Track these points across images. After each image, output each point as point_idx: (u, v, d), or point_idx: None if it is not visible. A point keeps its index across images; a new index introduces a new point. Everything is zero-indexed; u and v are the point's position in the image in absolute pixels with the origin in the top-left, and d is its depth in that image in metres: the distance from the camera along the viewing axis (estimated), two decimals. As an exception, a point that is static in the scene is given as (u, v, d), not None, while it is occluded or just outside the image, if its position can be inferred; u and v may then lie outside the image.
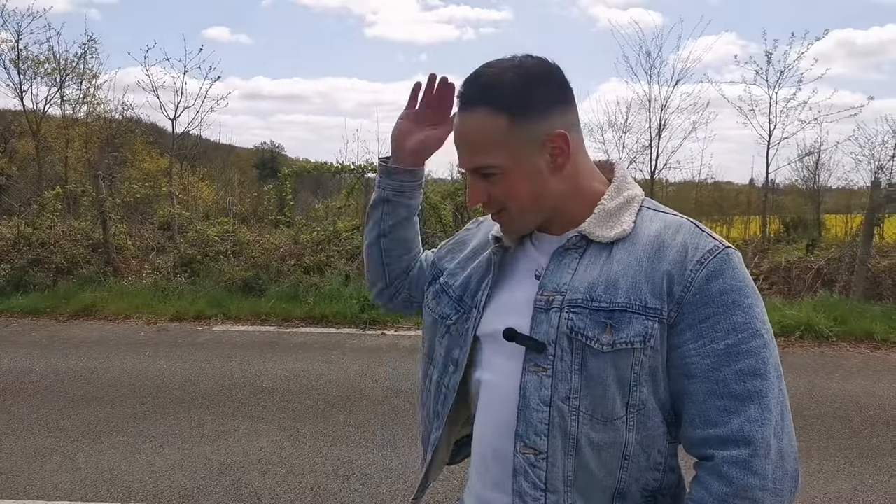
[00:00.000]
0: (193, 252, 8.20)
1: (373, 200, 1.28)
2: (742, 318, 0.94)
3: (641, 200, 1.06)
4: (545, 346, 0.99)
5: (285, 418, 4.34)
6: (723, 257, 0.96)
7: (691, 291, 0.95)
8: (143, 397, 4.68)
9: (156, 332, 6.52)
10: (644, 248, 0.99)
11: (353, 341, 6.25)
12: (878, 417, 4.41)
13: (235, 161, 27.20)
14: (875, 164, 13.60)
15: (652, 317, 0.95)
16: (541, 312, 1.01)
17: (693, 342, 0.95)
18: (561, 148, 1.01)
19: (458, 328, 1.15)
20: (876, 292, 7.38)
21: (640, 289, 0.96)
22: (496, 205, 1.04)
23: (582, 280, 1.00)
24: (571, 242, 1.03)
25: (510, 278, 1.11)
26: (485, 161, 1.00)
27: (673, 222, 1.02)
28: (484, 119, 0.99)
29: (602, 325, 0.96)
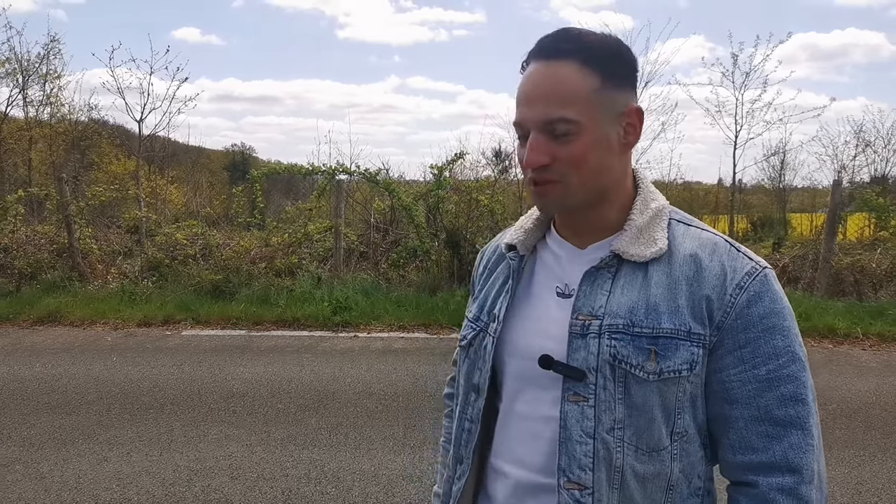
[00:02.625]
0: (161, 256, 8.06)
1: None
2: (782, 341, 0.93)
3: (669, 212, 1.03)
4: (585, 375, 0.94)
5: (256, 423, 4.30)
6: (761, 280, 0.95)
7: (731, 316, 0.93)
8: (109, 404, 4.60)
9: (123, 338, 6.40)
10: (681, 270, 0.95)
11: (325, 344, 6.21)
12: (840, 411, 4.52)
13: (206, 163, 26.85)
14: (838, 164, 13.96)
15: (696, 343, 0.93)
16: (577, 338, 0.96)
17: (734, 367, 0.94)
18: (634, 125, 0.97)
19: (476, 349, 1.08)
20: (839, 289, 7.56)
21: (682, 313, 0.93)
22: (555, 172, 0.94)
23: (620, 303, 0.95)
24: (605, 262, 0.98)
25: (529, 292, 1.05)
26: (564, 113, 0.91)
27: (707, 240, 0.98)
28: (575, 71, 0.92)
29: (646, 352, 0.92)
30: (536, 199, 0.99)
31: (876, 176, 14.53)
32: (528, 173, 0.97)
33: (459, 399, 1.12)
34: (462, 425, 1.10)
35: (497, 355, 1.04)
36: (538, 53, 0.95)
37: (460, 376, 1.13)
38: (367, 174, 8.26)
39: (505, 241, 1.11)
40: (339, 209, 8.15)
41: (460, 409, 1.11)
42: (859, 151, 14.05)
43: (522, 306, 1.05)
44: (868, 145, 14.20)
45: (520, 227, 1.10)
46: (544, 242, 1.08)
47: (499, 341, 1.04)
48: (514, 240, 1.08)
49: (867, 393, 4.87)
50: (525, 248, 1.07)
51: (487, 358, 1.05)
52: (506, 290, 1.06)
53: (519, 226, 1.11)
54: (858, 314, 6.72)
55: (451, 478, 1.13)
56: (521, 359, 1.01)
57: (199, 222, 8.63)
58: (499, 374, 1.06)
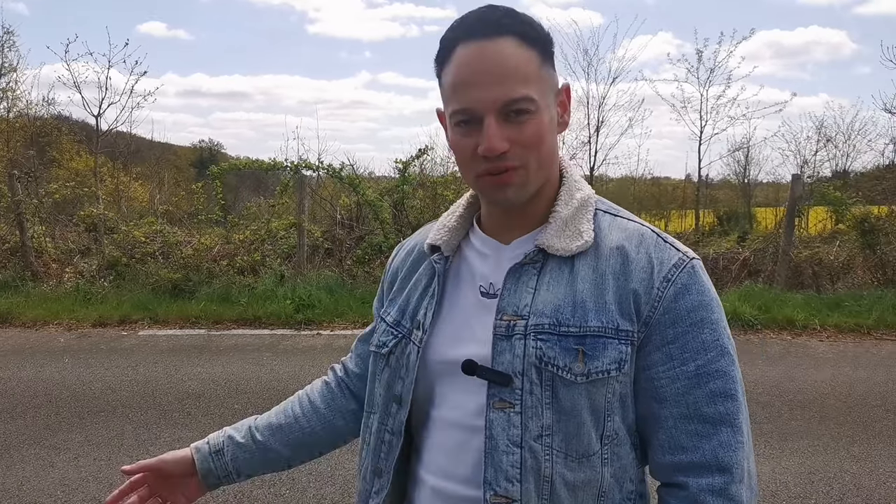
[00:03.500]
0: (119, 254, 7.86)
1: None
2: (710, 335, 0.90)
3: (595, 202, 0.98)
4: (511, 379, 0.89)
5: (211, 424, 4.19)
6: (689, 271, 0.91)
7: (659, 311, 0.89)
8: (58, 407, 4.45)
9: (77, 339, 6.22)
10: (608, 263, 0.91)
11: (286, 342, 6.11)
12: (796, 401, 4.58)
13: (173, 160, 26.38)
14: (800, 159, 14.24)
15: (625, 340, 0.89)
16: (502, 340, 0.90)
17: (662, 364, 0.90)
18: (564, 104, 0.94)
19: (397, 357, 1.00)
20: (798, 281, 7.69)
21: (609, 309, 0.89)
22: (515, 157, 0.87)
23: (545, 301, 0.90)
24: (529, 257, 0.92)
25: (454, 295, 0.99)
26: (524, 91, 0.85)
27: (634, 231, 0.95)
28: (516, 48, 0.85)
29: (573, 353, 0.88)
30: (496, 191, 0.91)
31: (837, 171, 14.87)
32: (479, 165, 0.88)
33: (378, 409, 1.03)
34: (381, 437, 1.02)
35: (421, 364, 0.97)
36: (472, 33, 0.87)
37: (378, 385, 1.04)
38: (331, 170, 8.15)
39: (427, 241, 1.03)
40: (302, 205, 8.03)
41: (379, 420, 1.03)
42: (820, 147, 14.36)
43: (447, 311, 0.98)
44: (829, 140, 14.52)
45: (442, 227, 1.03)
46: (468, 241, 1.02)
47: (423, 351, 0.97)
48: (438, 240, 1.00)
49: (822, 384, 4.95)
50: (449, 249, 1.01)
51: (411, 367, 0.97)
52: (430, 295, 0.99)
53: (441, 224, 1.04)
54: (816, 306, 6.84)
55: (367, 491, 1.05)
56: (446, 365, 0.95)
57: (156, 219, 8.43)
58: (422, 382, 0.98)
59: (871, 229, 7.79)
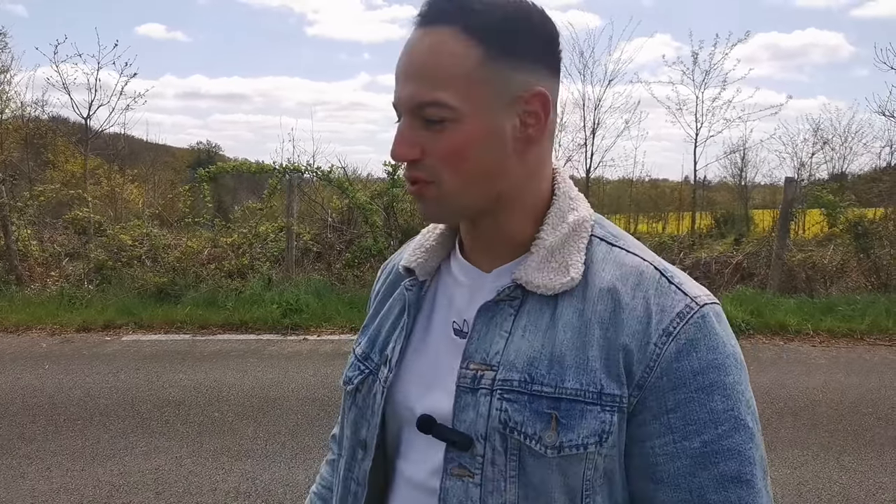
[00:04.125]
0: (105, 258, 7.77)
1: None
2: (722, 403, 0.72)
3: (591, 226, 0.81)
4: (472, 443, 0.75)
5: (189, 432, 4.11)
6: (697, 322, 0.73)
7: (656, 372, 0.72)
8: (34, 415, 4.36)
9: (59, 344, 6.12)
10: (595, 308, 0.75)
11: (272, 348, 6.02)
12: (787, 409, 4.50)
13: (170, 162, 26.31)
14: (797, 161, 14.20)
15: (609, 407, 0.72)
16: (466, 393, 0.76)
17: (660, 437, 0.73)
18: (536, 114, 0.74)
19: (364, 396, 0.87)
20: (791, 285, 7.62)
21: (592, 368, 0.73)
22: (426, 168, 0.74)
23: (519, 350, 0.75)
24: (504, 294, 0.77)
25: (427, 328, 0.85)
26: (436, 96, 0.71)
27: (632, 268, 0.77)
28: (450, 40, 0.71)
29: (545, 418, 0.72)
30: (417, 203, 0.79)
31: (834, 173, 14.83)
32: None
33: (345, 453, 0.91)
34: (347, 486, 0.89)
35: (386, 408, 0.85)
36: (418, 17, 0.75)
37: (346, 426, 0.91)
38: (320, 172, 8.07)
39: (402, 263, 0.89)
40: (291, 208, 7.95)
41: (346, 466, 0.90)
42: (817, 149, 14.32)
43: (417, 347, 0.85)
44: (826, 143, 14.48)
45: (420, 246, 0.89)
46: (448, 264, 0.87)
47: (388, 392, 0.84)
48: (412, 262, 0.86)
49: (814, 390, 4.87)
50: (425, 273, 0.86)
51: (377, 409, 0.85)
52: (400, 327, 0.86)
53: (419, 243, 0.89)
54: (809, 310, 6.77)
55: None
56: (409, 412, 0.82)
57: (143, 222, 8.34)
58: (390, 426, 0.86)
59: (865, 233, 7.72)
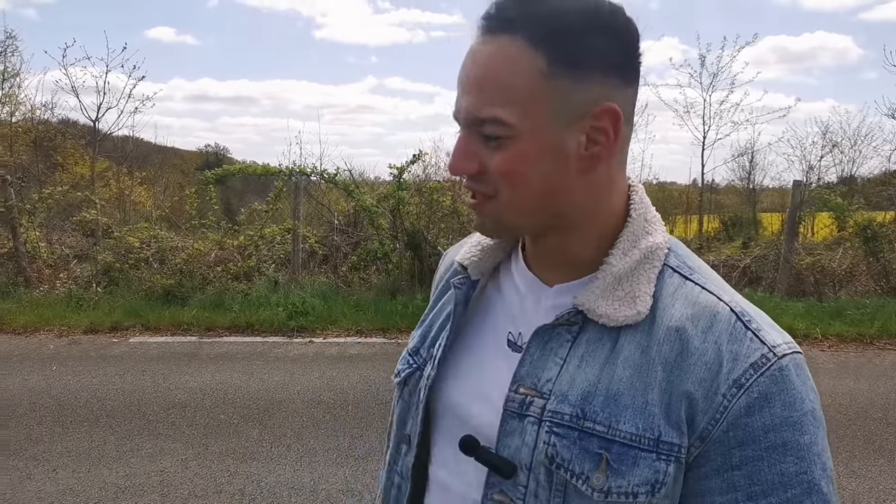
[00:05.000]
0: (112, 260, 7.80)
1: None
2: (795, 465, 0.65)
3: (665, 254, 0.75)
4: (516, 471, 0.71)
5: (195, 435, 4.11)
6: (773, 375, 0.67)
7: (722, 426, 0.66)
8: (41, 417, 4.37)
9: (66, 346, 6.15)
10: (660, 348, 0.69)
11: (278, 350, 6.03)
12: (795, 414, 4.47)
13: (179, 164, 26.45)
14: (806, 165, 14.12)
15: (666, 456, 0.67)
16: (513, 418, 0.72)
17: (721, 495, 0.67)
18: (605, 131, 0.69)
19: (410, 391, 0.86)
20: (799, 289, 7.57)
21: (651, 412, 0.67)
22: (487, 182, 0.71)
23: (574, 381, 0.71)
24: (563, 319, 0.73)
25: (476, 333, 0.82)
26: (494, 112, 0.67)
27: (705, 308, 0.70)
28: (513, 51, 0.67)
29: (595, 458, 0.68)
30: (474, 215, 0.75)
31: (843, 176, 14.74)
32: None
33: (391, 444, 0.91)
34: (391, 479, 0.89)
35: (429, 407, 0.83)
36: (482, 21, 0.70)
37: (394, 416, 0.90)
38: (327, 175, 8.08)
39: (457, 258, 0.86)
40: (297, 211, 7.96)
41: (391, 458, 0.90)
42: (826, 152, 14.24)
43: (465, 352, 0.81)
44: (835, 146, 14.40)
45: (476, 243, 0.84)
46: (508, 269, 0.83)
47: (431, 391, 0.82)
48: (466, 259, 0.83)
49: (823, 395, 4.70)
50: (478, 272, 0.83)
51: (420, 407, 0.83)
52: (447, 327, 0.83)
53: (476, 241, 0.85)
54: (818, 314, 6.72)
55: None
56: (455, 422, 0.79)
57: (150, 224, 8.37)
58: (430, 426, 0.83)
59: (874, 236, 7.67)
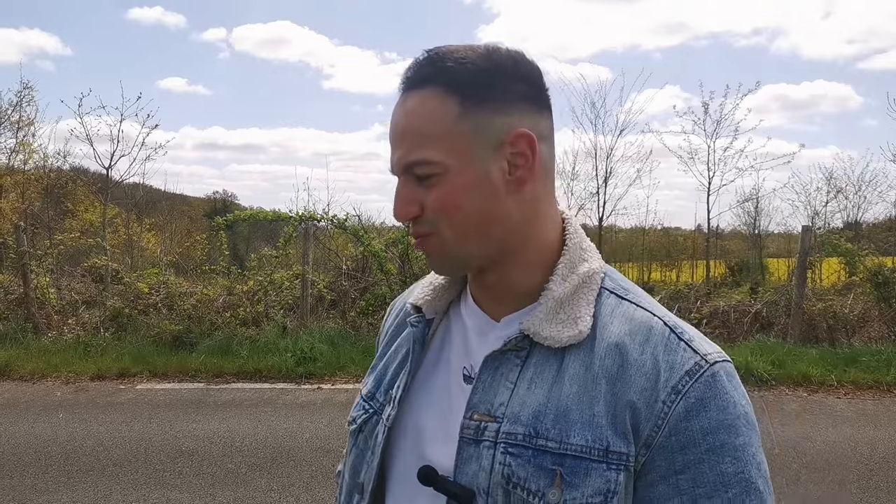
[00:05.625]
0: (121, 305, 7.80)
1: None
2: (733, 465, 0.70)
3: (601, 278, 0.80)
4: (474, 497, 0.73)
5: (202, 484, 4.04)
6: (707, 381, 0.72)
7: (664, 431, 0.71)
8: (47, 466, 4.31)
9: (74, 393, 6.10)
10: (602, 363, 0.74)
11: (286, 397, 5.96)
12: (814, 464, 4.36)
13: (187, 210, 26.74)
14: (811, 210, 14.16)
15: (616, 465, 0.70)
16: (469, 444, 0.75)
17: (668, 499, 0.71)
18: (523, 154, 0.75)
19: (366, 437, 0.86)
20: (812, 335, 7.49)
21: (599, 424, 0.71)
22: (427, 223, 0.76)
23: (525, 403, 0.74)
24: (511, 344, 0.77)
25: (435, 369, 0.84)
26: (421, 155, 0.74)
27: (641, 323, 0.76)
28: (430, 101, 0.74)
29: (549, 474, 0.71)
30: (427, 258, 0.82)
31: (849, 222, 14.75)
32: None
33: (343, 496, 0.90)
34: None
35: (386, 450, 0.84)
36: (402, 84, 0.78)
37: (346, 469, 0.90)
38: (336, 220, 8.14)
39: (410, 300, 0.90)
40: (307, 256, 7.99)
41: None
42: (831, 198, 14.29)
43: (423, 388, 0.83)
44: (840, 192, 14.46)
45: (428, 283, 0.89)
46: (458, 308, 0.87)
47: (390, 432, 0.83)
48: (420, 299, 0.87)
49: (842, 444, 4.72)
50: (433, 311, 0.86)
51: (377, 451, 0.83)
52: (405, 369, 0.85)
53: (428, 281, 0.90)
54: (832, 361, 6.63)
55: None
56: (413, 459, 0.80)
57: (160, 270, 8.40)
58: (386, 471, 0.84)
59: (886, 281, 7.61)
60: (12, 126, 13.63)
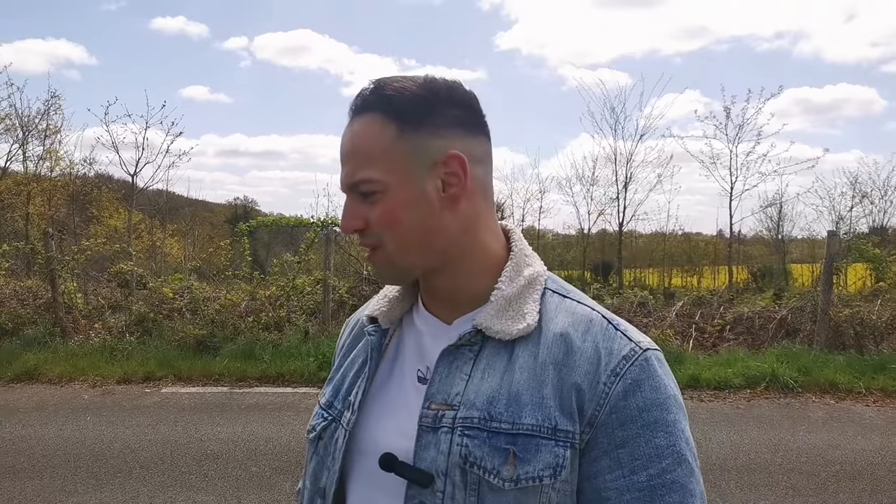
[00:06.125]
0: (146, 310, 7.91)
1: None
2: (665, 439, 0.79)
3: (545, 280, 0.89)
4: (433, 479, 0.79)
5: (227, 487, 4.08)
6: (641, 364, 0.81)
7: (605, 409, 0.79)
8: (76, 468, 4.38)
9: (100, 396, 6.20)
10: (549, 351, 0.82)
11: (309, 401, 6.00)
12: (843, 473, 4.29)
13: (208, 216, 27.08)
14: (835, 215, 13.95)
15: (563, 442, 0.78)
16: (427, 432, 0.81)
17: (609, 472, 0.79)
18: (456, 174, 0.83)
19: (326, 443, 0.91)
20: (839, 341, 7.37)
21: (547, 405, 0.79)
22: (373, 236, 0.84)
23: (479, 391, 0.81)
24: (465, 339, 0.84)
25: (389, 376, 0.91)
26: (363, 174, 0.82)
27: (582, 316, 0.85)
28: (370, 126, 0.83)
29: (503, 454, 0.78)
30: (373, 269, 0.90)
31: (874, 226, 14.51)
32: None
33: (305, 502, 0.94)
34: None
35: (347, 452, 0.88)
36: (349, 110, 0.87)
37: (307, 476, 0.94)
38: (357, 226, 8.18)
39: (366, 312, 0.96)
40: (328, 262, 8.05)
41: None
42: (856, 203, 14.07)
43: (380, 393, 0.89)
44: (865, 196, 14.23)
45: (383, 296, 0.95)
46: (410, 316, 0.94)
47: (351, 435, 0.88)
48: (376, 311, 0.93)
49: (871, 452, 4.64)
50: (388, 321, 0.93)
51: (337, 455, 0.88)
52: (364, 373, 0.91)
53: (382, 294, 0.96)
54: (860, 368, 6.51)
55: None
56: (371, 458, 0.85)
57: (185, 275, 8.51)
58: (346, 476, 0.89)
59: (915, 287, 7.47)
60: (40, 134, 13.95)
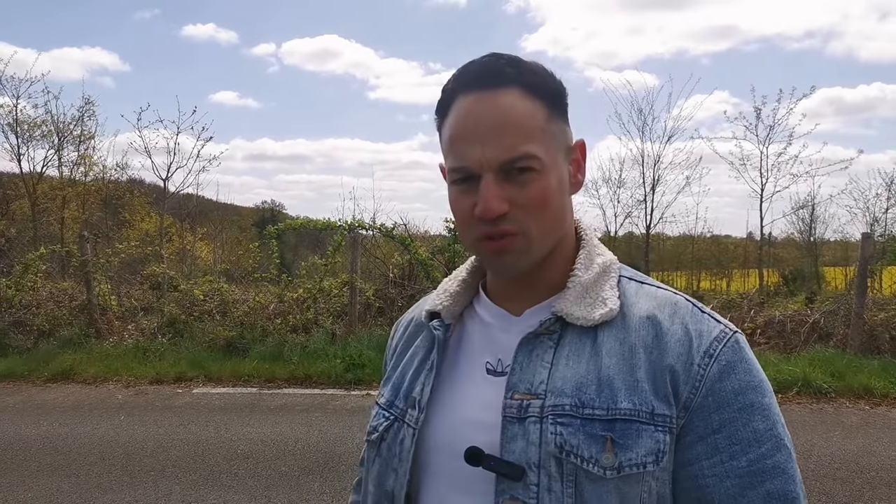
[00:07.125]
0: (178, 312, 8.06)
1: None
2: (763, 423, 0.76)
3: (618, 269, 0.87)
4: (525, 472, 0.75)
5: (258, 486, 4.13)
6: (733, 346, 0.79)
7: (701, 392, 0.76)
8: (111, 466, 4.48)
9: (134, 396, 6.33)
10: (638, 334, 0.79)
11: (336, 402, 6.06)
12: (879, 479, 4.20)
13: (236, 220, 27.43)
14: (870, 217, 13.64)
15: (662, 427, 0.75)
16: (513, 423, 0.77)
17: (707, 458, 0.76)
18: (578, 161, 0.84)
19: (389, 445, 0.86)
20: (874, 346, 7.20)
21: (642, 389, 0.76)
22: (514, 221, 0.77)
23: (565, 378, 0.77)
24: (545, 326, 0.80)
25: (455, 370, 0.86)
26: (527, 149, 0.76)
27: (665, 299, 0.83)
28: (522, 101, 0.77)
29: (600, 441, 0.74)
30: (494, 258, 0.81)
31: (911, 228, 14.13)
32: (477, 228, 0.79)
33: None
34: None
35: (417, 452, 0.83)
36: (472, 83, 0.78)
37: (369, 481, 0.90)
38: (384, 229, 8.24)
39: (426, 308, 0.93)
40: (355, 264, 8.11)
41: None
42: (892, 204, 13.74)
43: (447, 389, 0.85)
44: (900, 198, 13.87)
45: (443, 291, 0.92)
46: (472, 310, 0.91)
47: (420, 433, 0.83)
48: (438, 306, 0.90)
49: (909, 460, 4.53)
50: (451, 316, 0.89)
51: (405, 456, 0.83)
52: (428, 368, 0.87)
53: (442, 289, 0.93)
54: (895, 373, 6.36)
55: None
56: (446, 456, 0.81)
57: (215, 278, 8.65)
58: (418, 477, 0.84)
59: (953, 290, 7.28)
60: (74, 140, 14.27)
